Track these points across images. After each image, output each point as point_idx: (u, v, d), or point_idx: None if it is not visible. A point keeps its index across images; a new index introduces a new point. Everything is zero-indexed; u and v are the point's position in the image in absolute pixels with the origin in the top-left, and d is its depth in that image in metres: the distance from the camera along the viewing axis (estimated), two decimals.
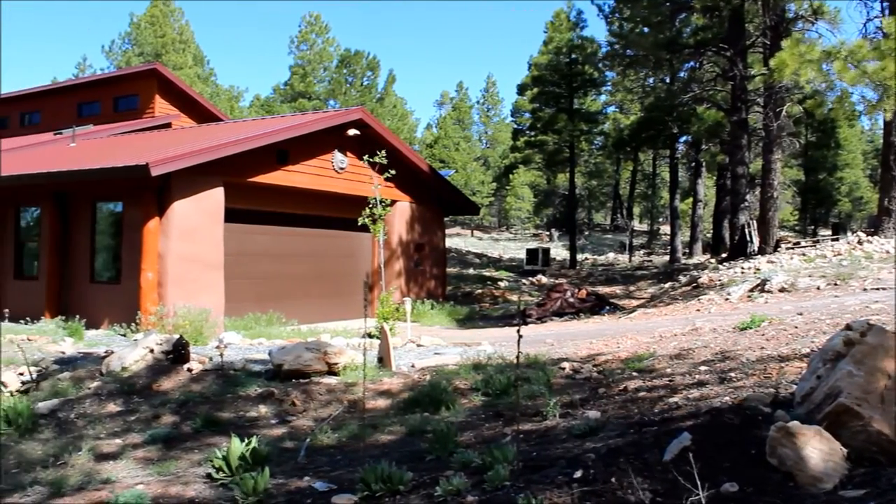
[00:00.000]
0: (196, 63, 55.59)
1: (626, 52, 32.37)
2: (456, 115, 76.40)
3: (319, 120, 18.44)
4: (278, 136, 16.88)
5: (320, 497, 4.75)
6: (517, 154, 50.77)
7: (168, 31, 53.18)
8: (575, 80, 42.66)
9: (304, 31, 57.94)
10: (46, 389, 9.56)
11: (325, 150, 18.47)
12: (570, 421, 6.25)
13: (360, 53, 56.59)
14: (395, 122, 55.25)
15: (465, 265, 41.38)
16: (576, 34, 43.33)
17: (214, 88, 57.55)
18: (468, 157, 67.91)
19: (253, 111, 56.53)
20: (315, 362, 9.13)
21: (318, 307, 18.75)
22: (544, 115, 44.24)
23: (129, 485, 5.51)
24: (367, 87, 56.99)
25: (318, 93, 56.34)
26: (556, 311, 18.98)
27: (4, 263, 17.96)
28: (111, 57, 54.98)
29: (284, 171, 17.40)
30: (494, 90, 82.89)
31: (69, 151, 21.00)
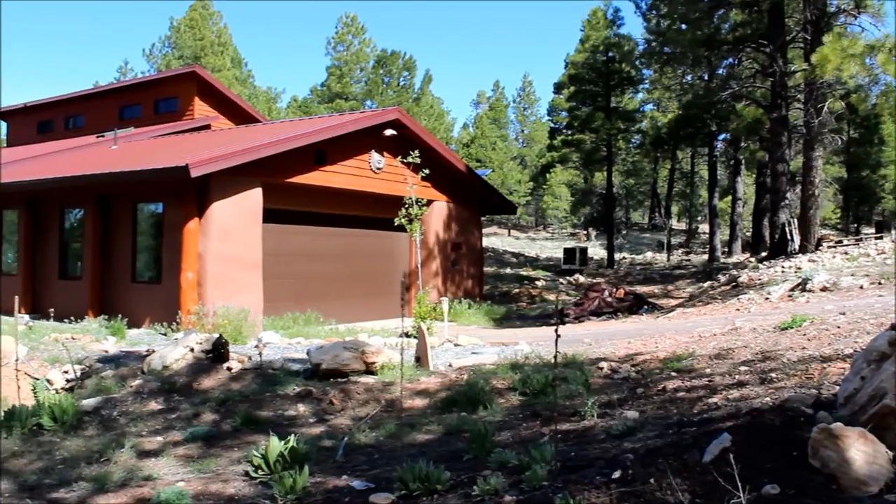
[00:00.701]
0: (234, 65, 56.11)
1: (663, 50, 32.03)
2: (492, 114, 76.30)
3: (356, 120, 18.52)
4: (316, 137, 16.98)
5: (358, 496, 4.77)
6: (554, 153, 50.57)
7: (207, 33, 53.74)
8: (612, 78, 42.37)
9: (341, 32, 58.22)
10: (90, 387, 9.73)
11: (362, 151, 18.54)
12: (608, 421, 6.21)
13: (396, 54, 56.73)
14: (431, 121, 55.30)
15: (503, 265, 41.31)
16: (613, 32, 43.04)
17: (252, 90, 58.06)
18: (505, 157, 67.78)
19: (290, 112, 56.94)
20: (353, 361, 9.18)
21: (356, 307, 18.83)
22: (581, 113, 44.00)
23: (171, 482, 5.59)
24: (403, 87, 57.12)
25: (354, 93, 56.58)
26: (594, 311, 18.86)
27: (50, 264, 18.30)
28: (151, 60, 55.73)
29: (322, 172, 17.50)
30: (531, 89, 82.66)
31: (111, 154, 21.31)
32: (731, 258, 39.03)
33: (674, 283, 29.55)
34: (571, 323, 17.64)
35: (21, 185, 18.04)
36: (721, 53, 31.90)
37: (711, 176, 44.30)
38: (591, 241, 56.38)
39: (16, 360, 10.99)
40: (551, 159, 52.07)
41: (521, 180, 67.02)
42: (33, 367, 11.53)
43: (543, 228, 72.15)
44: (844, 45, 16.64)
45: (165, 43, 55.36)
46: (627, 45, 40.70)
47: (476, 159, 61.01)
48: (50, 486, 5.85)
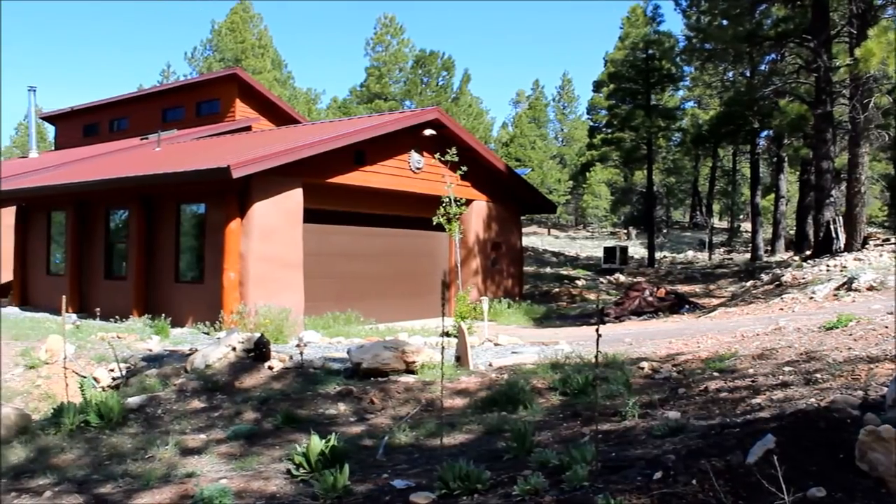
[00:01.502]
0: (274, 67, 56.58)
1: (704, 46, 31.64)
2: (531, 113, 76.03)
3: (396, 121, 18.57)
4: (355, 138, 17.06)
5: (399, 494, 4.78)
6: (594, 152, 50.28)
7: (248, 36, 54.26)
8: (652, 75, 41.98)
9: (380, 32, 58.43)
10: (135, 385, 9.88)
11: (401, 151, 18.59)
12: (649, 421, 6.16)
13: (434, 54, 56.77)
14: (470, 121, 55.27)
15: (542, 264, 41.17)
16: (652, 29, 42.67)
17: (292, 91, 58.50)
18: (544, 156, 67.51)
19: (330, 113, 57.28)
20: (393, 361, 9.21)
21: (396, 306, 18.89)
22: (621, 111, 43.68)
23: (213, 479, 5.65)
24: (442, 87, 57.14)
25: (393, 94, 56.74)
26: (635, 310, 18.72)
27: (95, 264, 18.62)
28: (193, 63, 56.45)
29: (362, 172, 17.57)
30: (570, 88, 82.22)
31: (155, 155, 21.62)
32: (774, 257, 38.47)
33: (715, 283, 29.20)
34: (612, 322, 17.52)
35: (68, 186, 18.38)
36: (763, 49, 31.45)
37: (754, 174, 43.69)
38: (632, 239, 55.96)
39: (64, 358, 11.21)
40: (591, 158, 51.75)
41: (561, 179, 66.71)
42: (80, 366, 11.76)
43: (583, 227, 71.75)
44: (891, 39, 16.30)
45: (207, 46, 56.04)
46: (667, 42, 40.34)
47: (515, 158, 60.85)
48: (96, 482, 5.96)
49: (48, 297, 19.28)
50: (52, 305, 18.21)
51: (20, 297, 20.77)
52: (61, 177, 20.49)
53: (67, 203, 19.12)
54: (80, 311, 17.63)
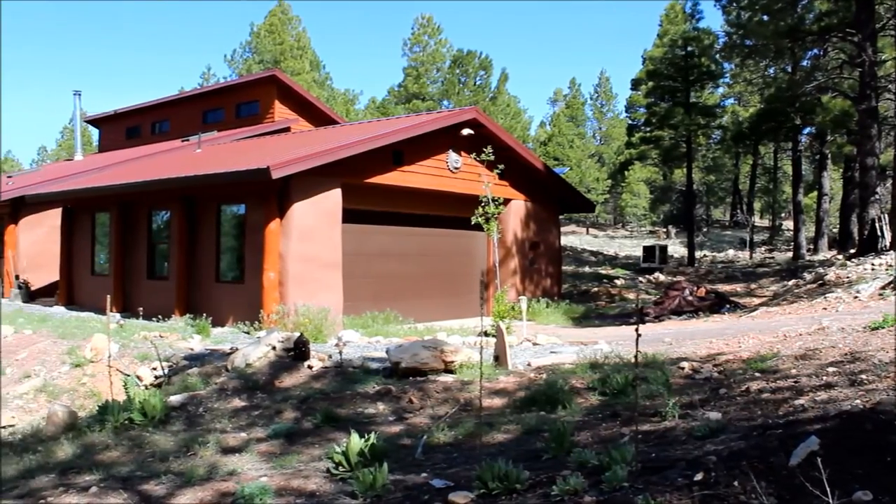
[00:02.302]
0: (313, 68, 56.95)
1: (744, 42, 31.26)
2: (569, 112, 75.66)
3: (433, 120, 18.58)
4: (393, 138, 17.10)
5: (437, 494, 4.78)
6: (632, 150, 49.92)
7: (286, 38, 54.68)
8: (691, 72, 41.55)
9: (417, 33, 58.56)
10: (177, 384, 10.01)
11: (439, 150, 18.61)
12: (689, 422, 6.10)
13: (472, 53, 56.73)
14: (508, 120, 55.14)
15: (581, 263, 40.96)
16: (691, 26, 42.25)
17: (330, 92, 58.83)
18: (582, 154, 67.17)
19: (368, 113, 57.51)
20: (432, 360, 9.22)
21: (434, 306, 18.91)
22: (660, 109, 43.29)
23: (254, 477, 5.70)
24: (479, 86, 57.09)
25: (431, 93, 56.82)
26: (674, 310, 18.54)
27: (138, 264, 18.90)
28: (233, 65, 57.00)
29: (400, 172, 17.62)
30: (608, 86, 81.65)
31: (195, 157, 21.89)
32: (817, 255, 37.88)
33: (757, 282, 28.83)
34: (651, 322, 17.38)
35: (112, 188, 18.68)
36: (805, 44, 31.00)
37: (796, 171, 43.07)
38: (671, 238, 55.45)
39: (108, 356, 11.39)
40: (629, 156, 51.41)
41: (600, 178, 66.34)
42: (124, 364, 11.94)
43: (622, 226, 71.27)
44: None
45: (246, 48, 56.56)
46: (707, 38, 39.93)
47: (553, 157, 60.61)
48: (140, 479, 6.05)
49: (93, 296, 19.61)
50: (96, 305, 18.52)
51: (66, 297, 21.16)
52: (105, 179, 20.84)
53: (111, 204, 19.43)
54: (123, 311, 17.90)
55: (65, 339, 13.51)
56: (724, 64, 40.86)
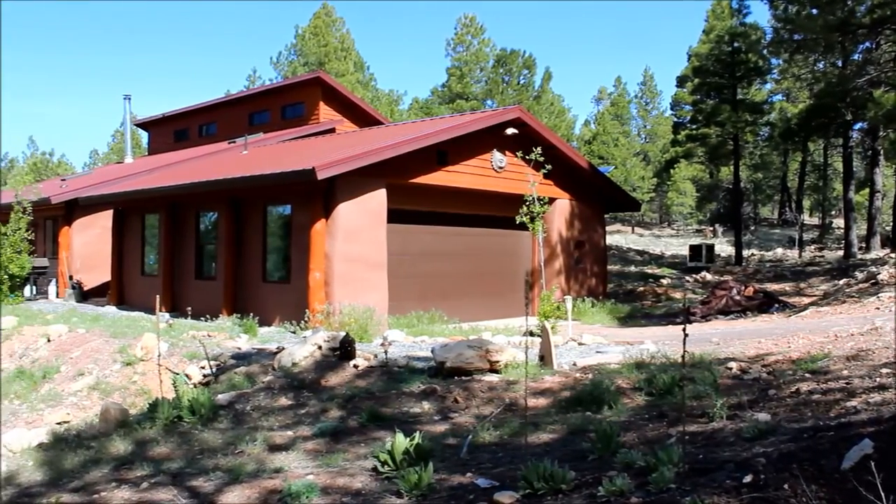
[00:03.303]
0: (357, 69, 57.22)
1: (792, 37, 30.67)
2: (614, 110, 75.08)
3: (477, 120, 18.57)
4: (437, 138, 17.12)
5: (482, 493, 4.79)
6: (678, 148, 49.37)
7: (330, 40, 55.01)
8: (738, 69, 40.93)
9: (460, 32, 58.53)
10: (224, 382, 10.15)
11: (483, 150, 18.59)
12: (737, 423, 6.03)
13: (515, 52, 56.53)
14: (552, 119, 54.86)
15: (626, 262, 40.63)
16: (738, 21, 41.60)
17: (374, 93, 59.06)
18: (627, 153, 66.61)
19: (412, 114, 57.64)
20: (476, 360, 9.22)
21: (479, 305, 18.90)
22: (706, 106, 42.74)
23: (300, 475, 5.76)
24: (523, 85, 56.86)
25: (475, 93, 56.74)
26: (722, 310, 18.30)
27: (187, 264, 19.19)
28: (278, 68, 57.47)
29: (444, 172, 17.64)
30: (653, 83, 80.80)
31: (242, 158, 22.15)
32: (868, 254, 37.08)
33: (806, 281, 28.31)
34: (698, 322, 17.18)
35: (161, 190, 18.99)
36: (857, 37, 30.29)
37: (847, 168, 42.16)
38: (718, 237, 54.74)
39: (158, 355, 11.59)
40: (675, 154, 50.85)
41: (645, 176, 65.73)
42: (173, 363, 12.14)
43: (668, 225, 70.54)
44: None
45: (291, 50, 57.01)
46: (754, 34, 39.29)
47: (598, 156, 60.19)
48: (189, 475, 6.15)
49: (143, 296, 19.96)
50: (146, 304, 18.84)
51: (117, 297, 21.57)
52: (154, 181, 21.19)
53: (160, 206, 19.75)
54: (172, 310, 18.19)
55: (116, 337, 13.78)
56: (772, 59, 40.15)
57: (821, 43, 29.86)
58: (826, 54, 33.68)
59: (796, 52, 32.74)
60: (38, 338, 14.77)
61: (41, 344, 14.46)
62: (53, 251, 24.81)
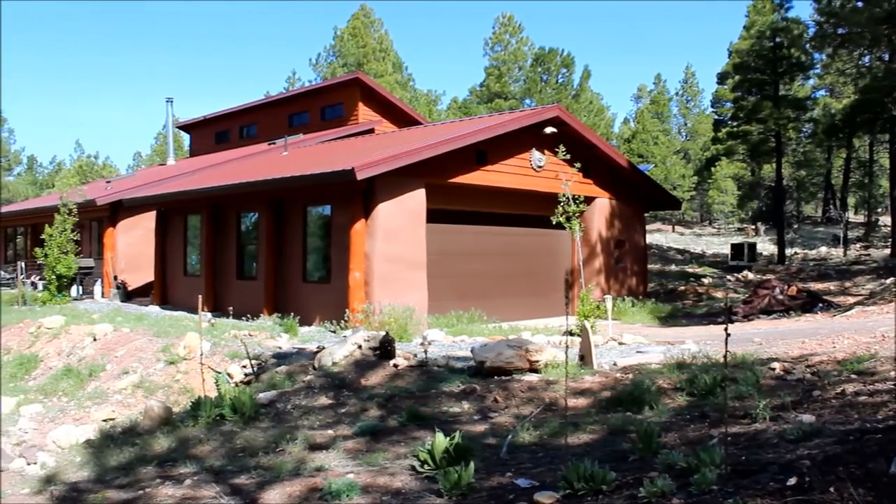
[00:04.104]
0: (395, 70, 57.44)
1: (837, 31, 30.14)
2: (654, 108, 74.43)
3: (516, 119, 18.53)
4: (476, 137, 17.11)
5: (522, 493, 4.78)
6: (719, 146, 48.81)
7: (369, 41, 55.28)
8: (780, 64, 40.33)
9: (498, 32, 58.44)
10: (265, 381, 10.25)
11: (522, 149, 18.54)
12: (781, 424, 5.95)
13: (554, 51, 56.30)
14: (591, 118, 54.58)
15: (667, 261, 40.28)
16: (780, 16, 40.98)
17: (413, 93, 59.23)
18: (667, 151, 66.00)
19: (450, 114, 57.69)
20: (516, 360, 9.21)
21: (518, 305, 18.86)
22: (747, 103, 42.18)
23: (340, 473, 5.80)
24: (562, 84, 56.61)
25: (513, 92, 56.64)
26: (764, 309, 18.05)
27: (228, 265, 19.41)
28: (317, 69, 57.85)
29: (483, 171, 17.62)
30: (693, 81, 79.98)
31: (282, 160, 22.35)
32: None
33: (851, 280, 27.80)
34: (740, 321, 16.97)
35: (202, 191, 19.23)
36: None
37: (893, 164, 41.33)
38: (760, 236, 54.04)
39: (200, 354, 11.73)
40: (716, 152, 50.29)
41: (685, 175, 65.07)
42: (215, 362, 12.28)
43: (709, 224, 69.79)
44: None
45: (330, 52, 57.35)
46: (796, 28, 38.70)
47: (638, 155, 59.75)
48: (231, 473, 6.22)
49: (186, 296, 20.23)
50: (189, 304, 19.08)
51: (160, 297, 21.88)
52: (196, 182, 21.46)
53: (202, 207, 19.99)
54: (214, 310, 18.39)
55: (160, 337, 13.97)
56: (815, 54, 39.53)
57: (866, 36, 29.33)
58: (872, 48, 33.05)
59: (840, 47, 32.19)
60: (85, 336, 15.04)
61: (87, 343, 14.72)
62: (99, 252, 25.25)
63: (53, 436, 9.55)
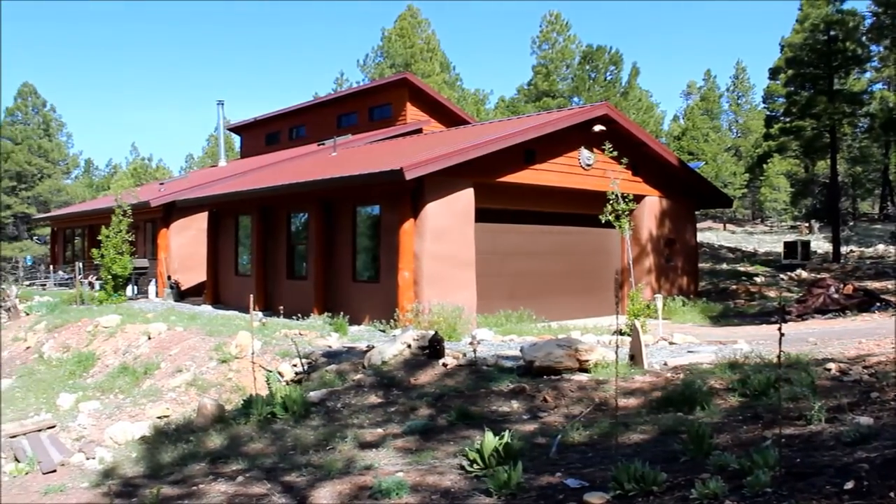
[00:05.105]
0: (443, 69, 57.46)
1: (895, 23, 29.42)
2: (704, 104, 73.41)
3: (564, 118, 18.43)
4: (524, 136, 17.06)
5: (572, 494, 4.75)
6: (771, 142, 47.94)
7: (416, 41, 55.41)
8: (835, 58, 39.46)
9: (545, 30, 58.15)
10: (316, 380, 10.34)
11: (571, 148, 18.43)
12: (837, 427, 5.83)
13: (602, 48, 55.87)
14: (640, 115, 54.04)
15: (718, 260, 39.74)
16: (834, 8, 40.08)
17: (461, 93, 59.23)
18: (718, 148, 65.10)
19: (498, 113, 57.57)
20: (566, 359, 9.16)
21: (568, 304, 18.76)
22: (800, 98, 41.35)
23: (390, 472, 5.83)
24: (610, 81, 56.15)
25: (561, 91, 56.33)
26: (819, 308, 17.70)
27: (278, 264, 19.63)
28: (365, 70, 58.15)
29: (532, 170, 17.56)
30: (744, 76, 78.73)
31: (331, 160, 22.52)
32: None
33: None
34: (794, 321, 16.66)
35: (253, 192, 19.46)
36: None
37: None
38: (814, 234, 53.04)
39: (252, 353, 11.89)
40: (768, 149, 49.38)
41: (737, 172, 64.13)
42: (266, 360, 12.43)
43: (761, 222, 68.69)
44: None
45: (378, 52, 57.61)
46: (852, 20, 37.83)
47: (688, 152, 59.02)
48: (282, 470, 6.29)
49: (237, 295, 20.50)
50: (240, 304, 19.33)
51: (213, 296, 22.22)
52: (247, 183, 21.72)
53: (252, 208, 20.24)
54: (265, 309, 18.61)
55: (212, 336, 14.18)
56: (872, 47, 38.61)
57: None
58: None
59: None
60: (140, 335, 15.34)
61: (142, 341, 15.01)
62: (153, 252, 25.72)
63: (110, 432, 9.77)
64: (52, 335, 17.18)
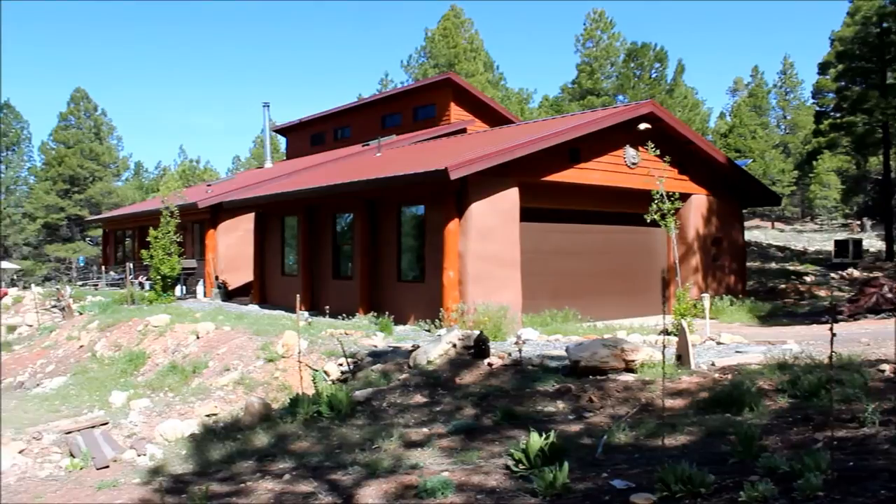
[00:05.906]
0: (486, 69, 57.40)
1: None
2: (751, 101, 72.35)
3: (609, 116, 18.29)
4: (569, 135, 16.97)
5: (618, 495, 4.73)
6: (821, 138, 47.08)
7: (459, 41, 55.42)
8: (887, 51, 38.59)
9: (589, 28, 57.79)
10: (361, 379, 10.41)
11: (616, 146, 18.29)
12: (891, 429, 5.71)
13: (646, 46, 55.35)
14: (685, 113, 53.44)
15: (766, 259, 39.15)
16: (887, 0, 39.28)
17: (504, 92, 59.11)
18: (766, 145, 64.09)
19: (542, 112, 57.34)
20: (611, 359, 9.11)
21: (613, 303, 18.62)
22: (851, 93, 40.55)
23: (435, 471, 5.85)
24: (655, 79, 55.61)
25: (605, 89, 55.94)
26: (871, 308, 17.34)
27: (324, 264, 19.79)
28: (409, 71, 58.36)
29: (576, 169, 17.46)
30: (792, 72, 77.49)
31: (375, 161, 22.63)
32: None
33: None
34: (845, 321, 16.35)
35: (298, 193, 19.64)
36: None
37: None
38: (866, 232, 51.97)
39: (298, 352, 12.01)
40: (818, 145, 48.51)
41: (785, 169, 63.08)
42: (312, 360, 12.54)
43: (811, 220, 67.48)
44: None
45: (421, 53, 57.78)
46: None
47: (735, 149, 58.18)
48: (328, 469, 6.35)
49: (283, 295, 20.70)
50: (286, 303, 19.52)
51: (259, 296, 22.48)
52: (292, 184, 21.93)
53: (298, 209, 20.43)
54: (311, 309, 18.76)
55: (259, 335, 14.35)
56: None
57: None
58: None
59: None
60: (188, 335, 15.58)
61: (191, 340, 15.25)
62: (201, 253, 26.10)
63: (160, 429, 9.94)
64: (105, 334, 17.54)
